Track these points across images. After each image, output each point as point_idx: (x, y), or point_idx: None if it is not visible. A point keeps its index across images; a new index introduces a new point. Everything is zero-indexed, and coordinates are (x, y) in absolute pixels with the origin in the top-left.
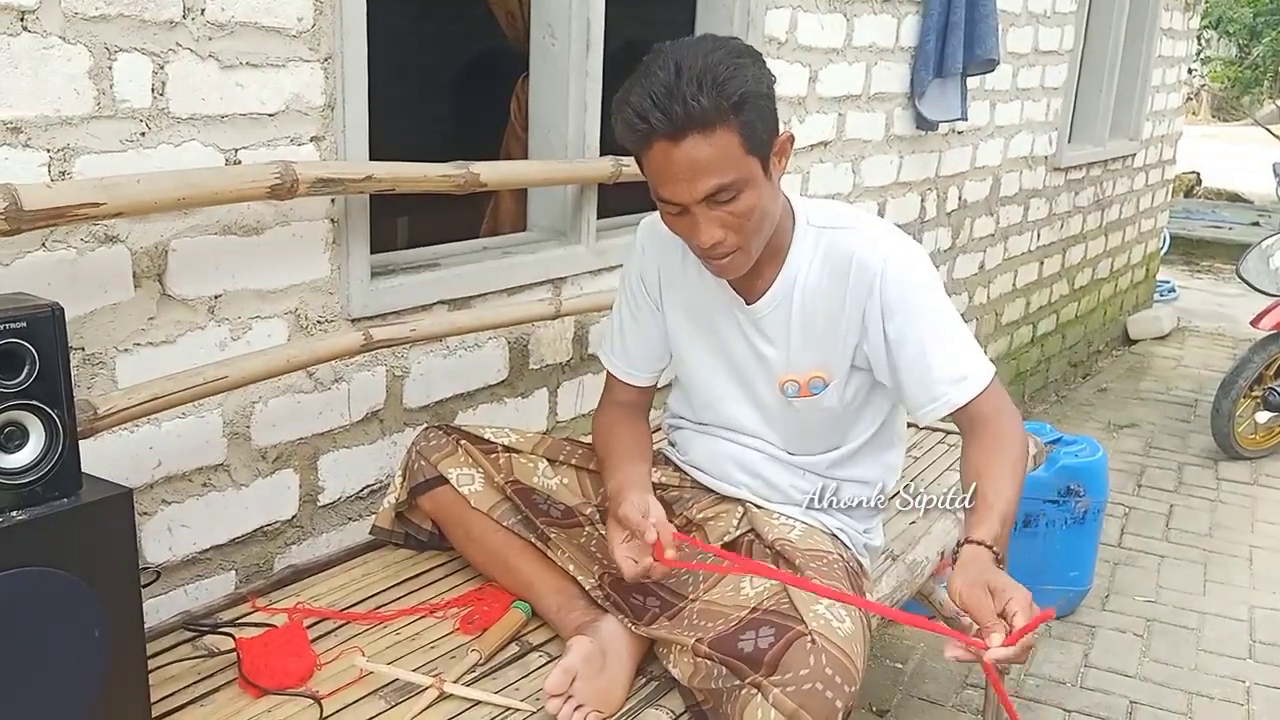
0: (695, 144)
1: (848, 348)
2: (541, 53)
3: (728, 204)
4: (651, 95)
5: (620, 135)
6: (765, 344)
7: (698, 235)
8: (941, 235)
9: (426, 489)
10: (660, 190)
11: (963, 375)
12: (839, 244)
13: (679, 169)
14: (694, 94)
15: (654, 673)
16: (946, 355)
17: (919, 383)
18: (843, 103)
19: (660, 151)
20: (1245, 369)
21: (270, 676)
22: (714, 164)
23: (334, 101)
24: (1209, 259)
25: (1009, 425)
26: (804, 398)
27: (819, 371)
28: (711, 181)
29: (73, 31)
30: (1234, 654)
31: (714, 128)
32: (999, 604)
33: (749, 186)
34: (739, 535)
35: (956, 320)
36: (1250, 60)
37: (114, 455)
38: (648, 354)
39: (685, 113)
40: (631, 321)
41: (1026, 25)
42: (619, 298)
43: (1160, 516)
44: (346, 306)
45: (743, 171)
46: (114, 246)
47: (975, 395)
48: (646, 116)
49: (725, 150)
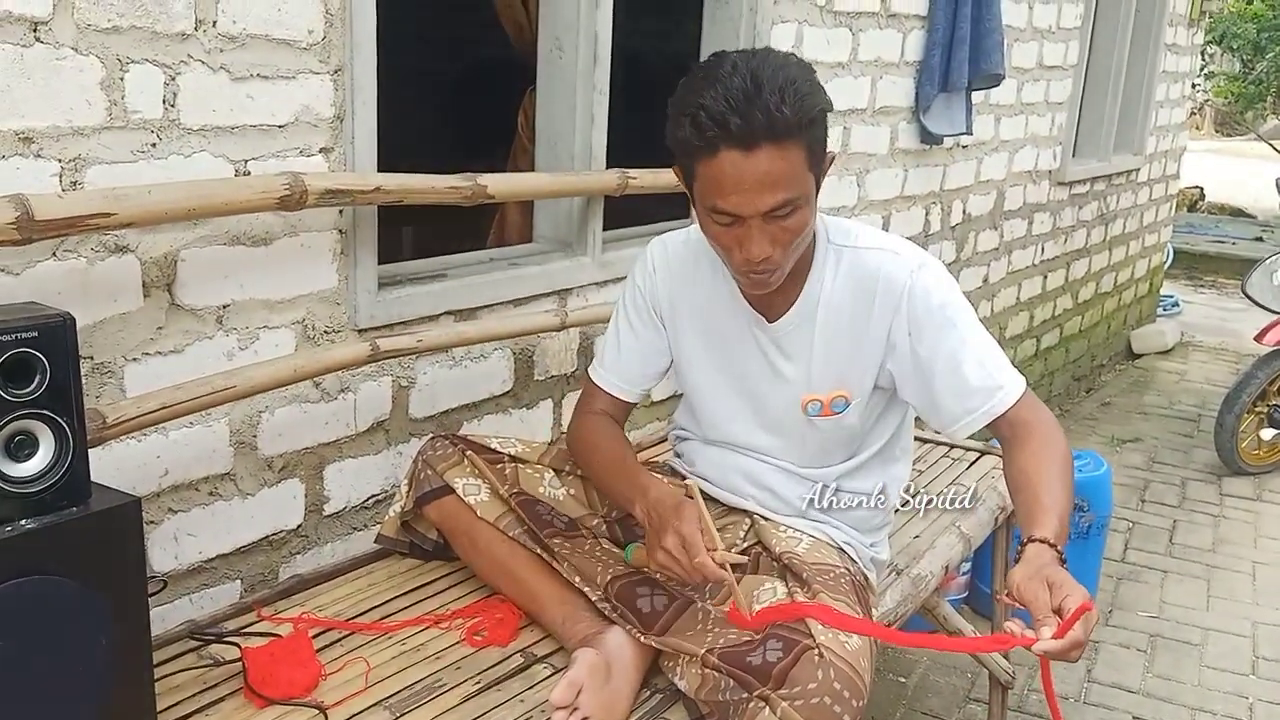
0: (769, 155)
1: (872, 366)
2: (549, 65)
3: (783, 219)
4: (730, 100)
5: (684, 138)
6: (785, 362)
7: (749, 249)
8: (945, 249)
9: (433, 498)
10: (719, 200)
11: (999, 385)
12: (863, 262)
13: (748, 180)
14: (777, 104)
15: (659, 685)
16: (980, 367)
17: (955, 397)
18: (848, 116)
19: (728, 160)
20: (1249, 384)
21: (275, 686)
22: (783, 179)
23: (343, 113)
24: (1212, 273)
25: (1051, 429)
26: (826, 417)
27: (842, 391)
28: (780, 196)
29: (85, 43)
30: (1237, 670)
31: (788, 141)
32: (1056, 600)
33: (806, 204)
34: (746, 547)
35: (984, 333)
36: (1254, 76)
37: (122, 464)
38: (642, 371)
39: (767, 122)
40: (631, 336)
41: (1031, 40)
42: (618, 312)
43: (1164, 531)
44: (354, 317)
45: (805, 188)
46: (124, 256)
47: (1014, 403)
48: (725, 121)
49: (794, 165)
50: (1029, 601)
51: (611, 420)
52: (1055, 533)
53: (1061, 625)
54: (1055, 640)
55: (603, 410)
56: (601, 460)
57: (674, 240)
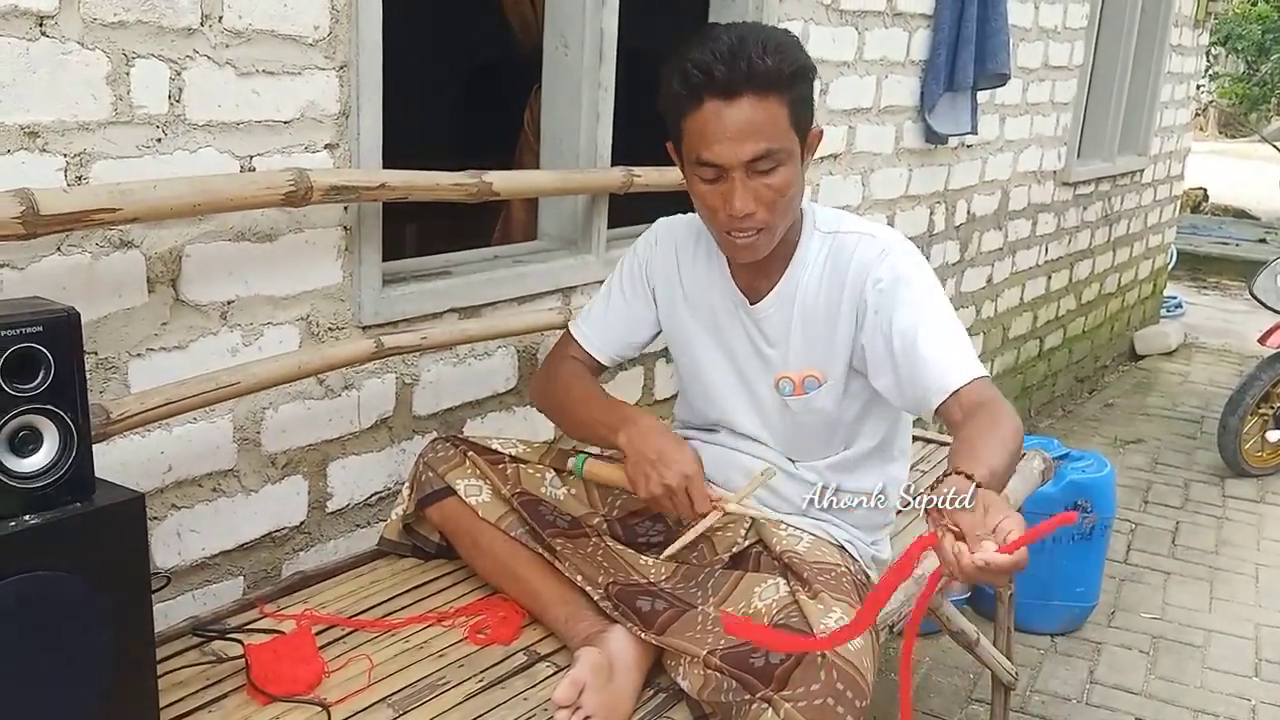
0: (750, 104)
1: (845, 346)
2: (554, 63)
3: (766, 175)
4: (715, 52)
5: (673, 92)
6: (766, 345)
7: (731, 202)
8: (950, 249)
9: (434, 500)
10: (703, 151)
11: (953, 364)
12: (842, 245)
13: (729, 128)
14: (759, 54)
15: (662, 684)
16: (936, 346)
17: (911, 374)
18: (853, 115)
19: (712, 110)
20: (1252, 386)
21: (278, 683)
22: (764, 128)
23: (349, 109)
24: (1216, 275)
25: (1002, 407)
26: (797, 396)
27: (813, 370)
28: (761, 145)
29: (91, 37)
30: (1240, 672)
31: (769, 93)
32: (991, 521)
33: (788, 161)
34: (746, 546)
35: (952, 318)
36: (1258, 77)
37: (125, 459)
38: (623, 338)
39: (749, 70)
40: (621, 300)
41: (1037, 40)
42: (613, 276)
43: (1166, 533)
44: (358, 313)
45: (786, 143)
46: (129, 251)
47: (966, 382)
48: (709, 69)
49: (775, 117)
50: (963, 520)
51: (583, 364)
52: (984, 477)
53: (1014, 541)
54: (1001, 554)
55: (580, 359)
56: (576, 396)
57: (680, 220)
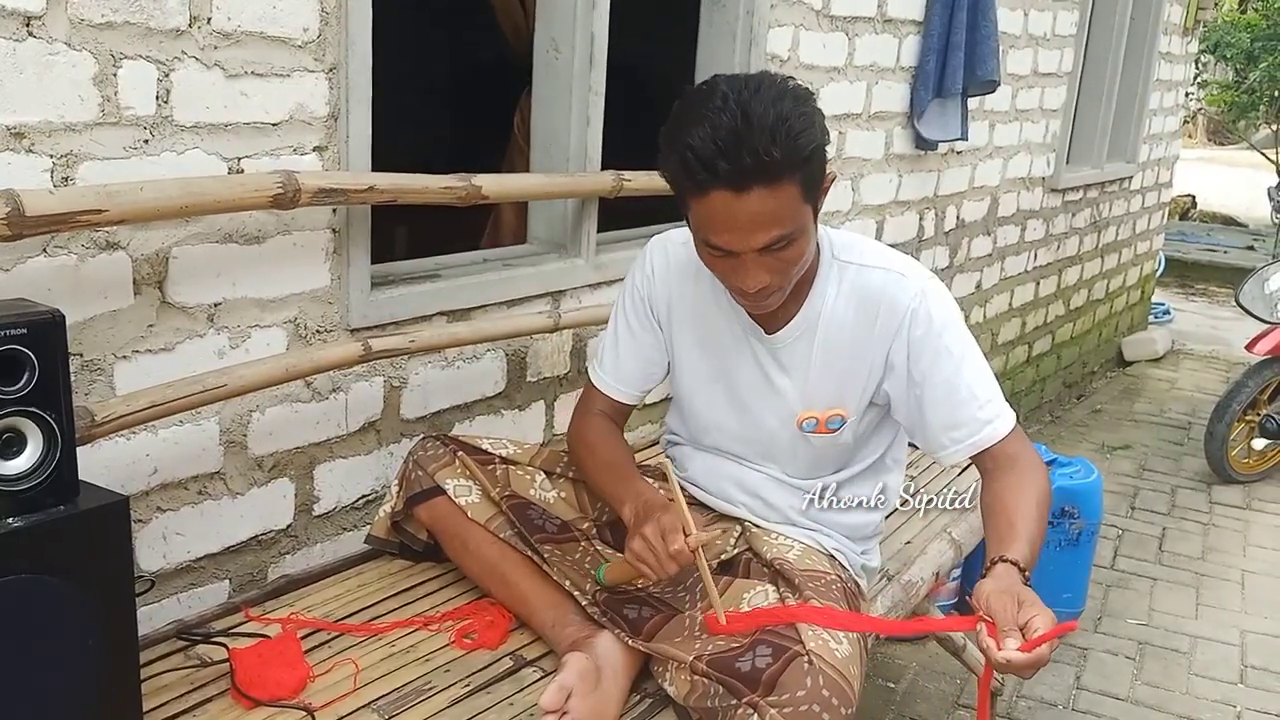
0: (760, 197)
1: (869, 385)
2: (545, 66)
3: (779, 252)
4: (717, 142)
5: (673, 177)
6: (781, 375)
7: (744, 281)
8: (939, 254)
9: (424, 499)
10: (711, 237)
11: (988, 419)
12: (868, 281)
13: (739, 221)
14: (766, 147)
15: (649, 690)
16: (973, 399)
17: (944, 425)
18: (843, 121)
19: (720, 201)
20: (1239, 393)
21: (263, 687)
22: (776, 217)
23: (338, 112)
24: (1203, 282)
25: (1034, 464)
26: (821, 434)
27: (838, 409)
28: (773, 233)
29: (78, 38)
30: (1225, 678)
31: (780, 181)
32: (1023, 617)
33: (802, 235)
34: (736, 554)
35: (982, 364)
36: (1247, 85)
37: (110, 462)
38: (641, 372)
39: (756, 165)
40: (629, 337)
41: (1026, 47)
42: (617, 313)
43: (1153, 539)
44: (346, 316)
45: (800, 221)
46: (115, 253)
47: (1001, 438)
48: (712, 165)
49: (787, 203)
50: (997, 613)
51: (610, 421)
52: (1025, 558)
53: (1034, 639)
54: (1020, 652)
55: (601, 411)
56: (597, 461)
57: (674, 241)
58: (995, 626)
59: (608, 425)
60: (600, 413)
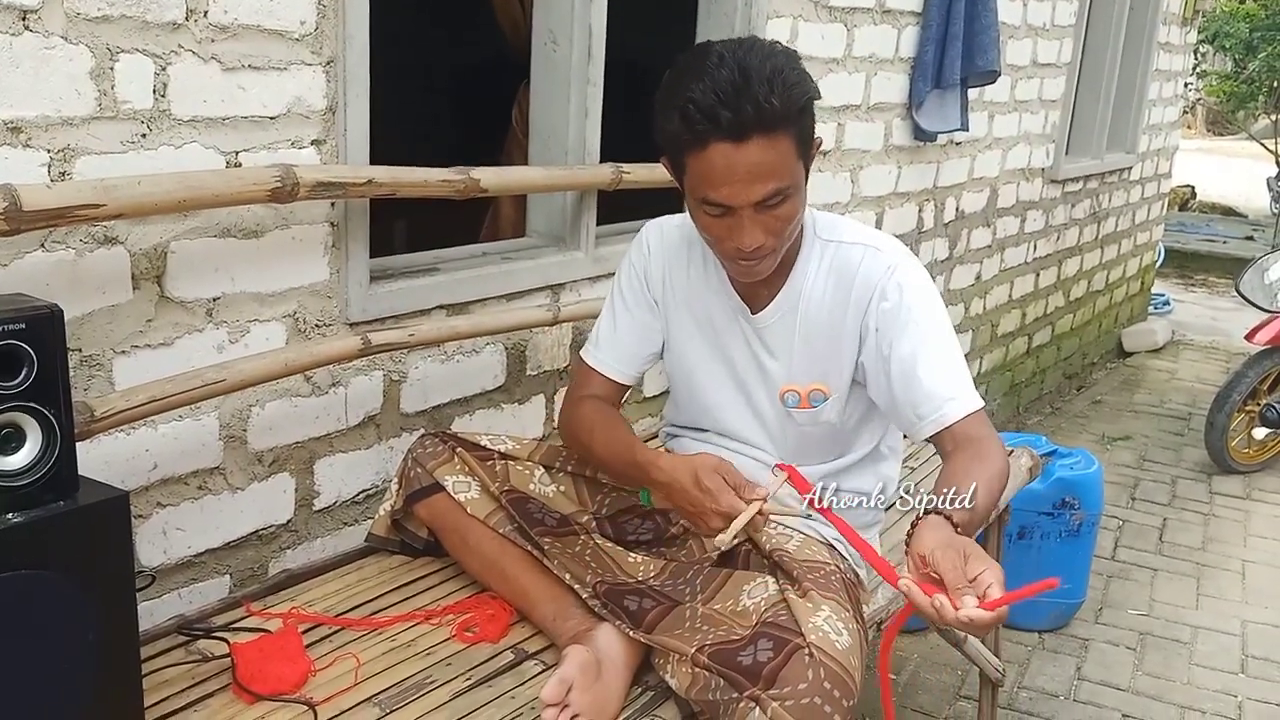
0: (758, 147)
1: (849, 361)
2: (543, 59)
3: (775, 208)
4: (718, 93)
5: (673, 131)
6: (767, 356)
7: (741, 238)
8: (939, 246)
9: (423, 496)
10: (710, 192)
11: (950, 396)
12: (845, 257)
13: (739, 172)
14: (766, 95)
15: (650, 683)
16: (934, 374)
17: (907, 400)
18: (842, 113)
19: (719, 153)
20: (1239, 383)
21: (264, 682)
22: (774, 169)
23: (335, 105)
24: (1203, 272)
25: (994, 446)
26: (804, 409)
27: (819, 384)
28: (771, 185)
29: (75, 32)
30: (1226, 669)
31: (778, 131)
32: (972, 571)
33: (796, 192)
34: (735, 545)
35: (953, 343)
36: (1246, 75)
37: (110, 458)
38: (639, 352)
39: (756, 114)
40: (626, 315)
41: (1025, 38)
42: (613, 294)
43: (1153, 530)
44: (345, 310)
45: (795, 177)
46: (113, 248)
47: (962, 416)
48: (714, 114)
49: (784, 155)
50: (946, 570)
51: (605, 403)
52: (961, 519)
53: (996, 601)
54: (983, 610)
55: (595, 394)
56: (602, 439)
57: (670, 224)
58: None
59: (603, 405)
60: (593, 397)
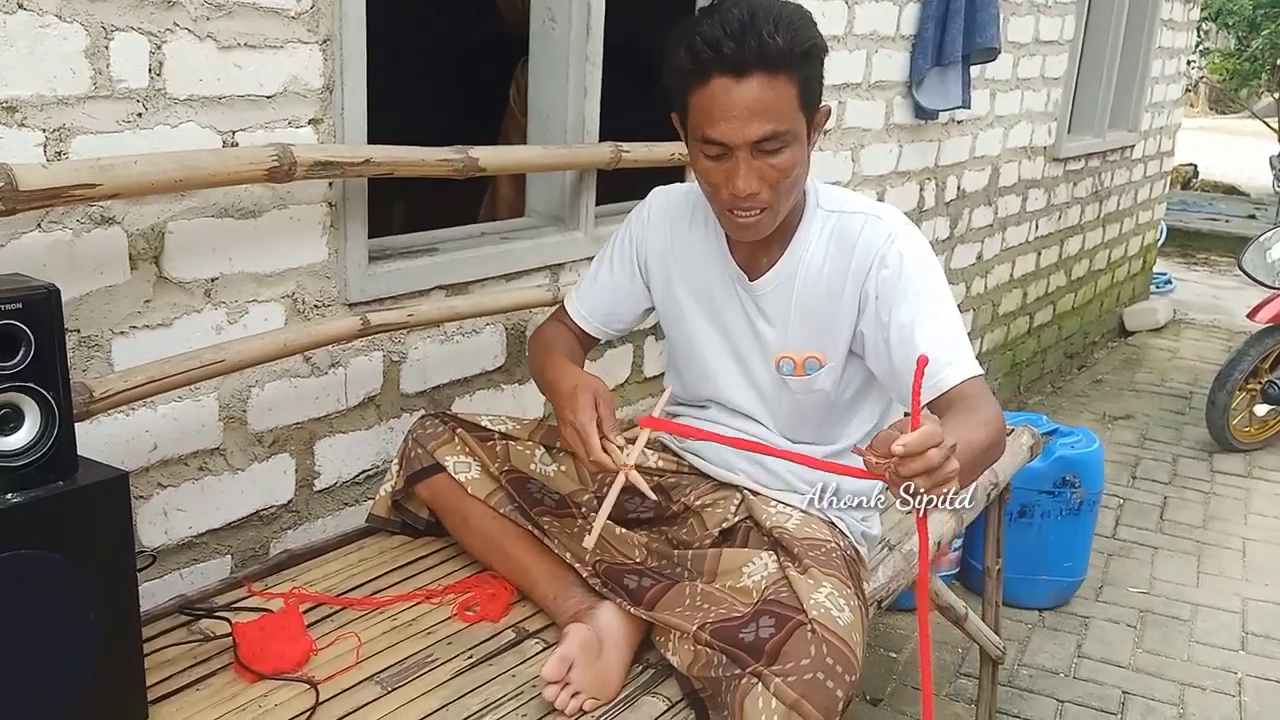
0: (759, 84)
1: (846, 329)
2: (541, 37)
3: (772, 155)
4: (724, 26)
5: (679, 66)
6: (764, 323)
7: (735, 182)
8: (940, 225)
9: (424, 477)
10: (708, 129)
11: (947, 361)
12: (847, 226)
13: (737, 107)
14: (770, 33)
15: (651, 660)
16: (933, 341)
17: (906, 366)
18: (842, 91)
19: (720, 87)
20: (1241, 362)
21: (266, 661)
22: (772, 108)
23: (332, 84)
24: (1205, 251)
25: (991, 408)
26: (798, 377)
27: (815, 352)
28: (767, 126)
29: (69, 10)
30: (1226, 645)
31: (779, 72)
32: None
33: (795, 142)
34: (736, 522)
35: (952, 312)
36: (1249, 53)
37: (109, 438)
38: (608, 309)
39: (759, 48)
40: (608, 274)
41: (1027, 14)
42: (606, 249)
43: (1154, 508)
44: (344, 291)
45: (793, 124)
46: (110, 228)
47: (960, 381)
48: (719, 45)
49: (784, 97)
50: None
51: (569, 331)
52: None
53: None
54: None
55: (570, 328)
56: (544, 353)
57: (676, 191)
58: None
59: (565, 331)
60: (559, 322)
